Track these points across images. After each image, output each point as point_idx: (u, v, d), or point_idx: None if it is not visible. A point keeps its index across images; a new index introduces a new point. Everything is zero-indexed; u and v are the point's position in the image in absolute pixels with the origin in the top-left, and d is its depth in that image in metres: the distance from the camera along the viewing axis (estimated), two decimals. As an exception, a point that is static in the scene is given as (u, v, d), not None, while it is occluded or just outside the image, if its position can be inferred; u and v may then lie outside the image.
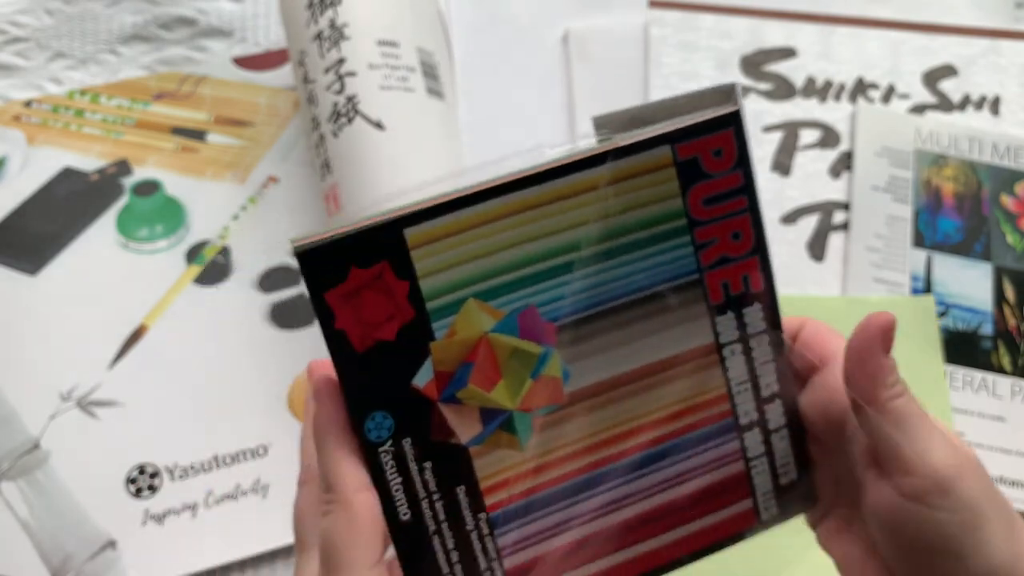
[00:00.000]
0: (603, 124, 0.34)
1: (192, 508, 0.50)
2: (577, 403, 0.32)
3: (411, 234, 0.29)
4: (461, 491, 0.31)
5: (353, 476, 0.29)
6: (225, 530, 0.49)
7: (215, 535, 0.49)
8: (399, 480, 0.30)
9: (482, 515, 0.31)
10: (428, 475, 0.30)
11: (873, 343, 0.31)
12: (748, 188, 0.32)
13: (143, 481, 0.50)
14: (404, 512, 0.30)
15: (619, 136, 0.31)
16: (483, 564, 0.32)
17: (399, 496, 0.30)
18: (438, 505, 0.31)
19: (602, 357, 0.32)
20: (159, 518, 0.49)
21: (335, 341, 0.29)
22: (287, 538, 0.49)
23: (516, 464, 0.31)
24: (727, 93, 0.31)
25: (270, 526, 0.49)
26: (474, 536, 0.31)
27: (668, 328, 0.32)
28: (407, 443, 0.30)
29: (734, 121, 0.31)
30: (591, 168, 0.30)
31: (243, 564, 0.49)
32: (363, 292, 0.28)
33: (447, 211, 0.29)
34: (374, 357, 0.29)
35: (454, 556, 0.31)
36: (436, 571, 0.31)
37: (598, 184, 0.30)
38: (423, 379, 0.30)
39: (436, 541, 0.31)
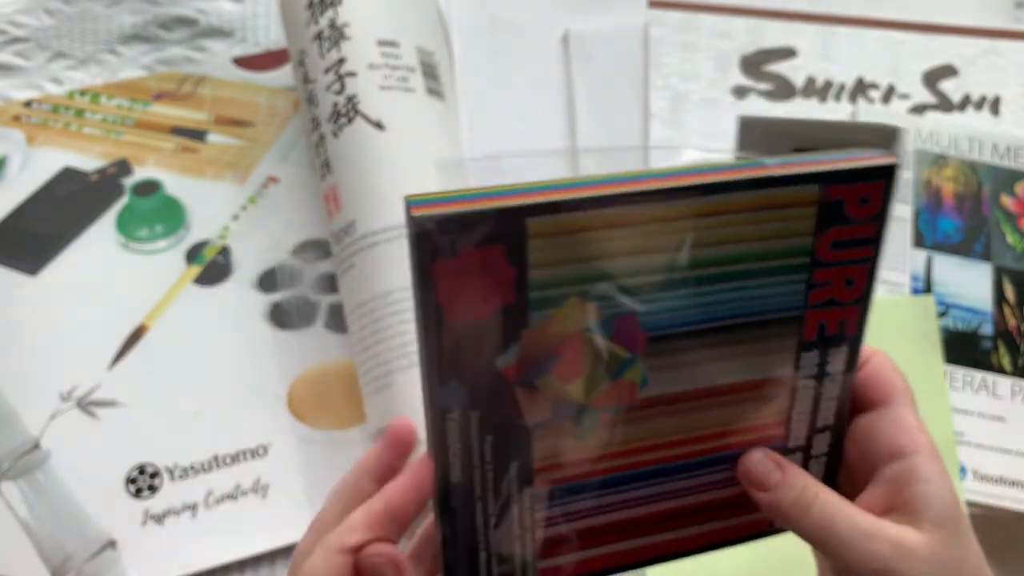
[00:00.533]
0: (749, 126, 0.33)
1: (192, 508, 0.50)
2: (646, 408, 0.32)
3: (533, 224, 0.27)
4: (514, 466, 0.31)
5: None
6: (225, 530, 0.49)
7: (215, 535, 0.49)
8: (459, 447, 0.30)
9: (527, 489, 0.32)
10: (487, 447, 0.31)
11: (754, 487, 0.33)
12: (878, 241, 0.31)
13: (143, 481, 0.50)
14: (456, 476, 0.31)
15: (768, 160, 0.29)
16: (516, 531, 0.32)
17: (455, 461, 0.30)
18: (489, 473, 0.31)
19: (683, 372, 0.31)
20: (159, 518, 0.49)
21: (430, 310, 0.27)
22: (287, 538, 0.49)
23: (572, 451, 0.32)
24: (889, 135, 0.29)
25: (270, 526, 0.49)
26: (515, 507, 0.32)
27: (753, 355, 0.32)
28: (474, 416, 0.30)
29: (891, 174, 0.30)
30: (731, 192, 0.28)
31: (243, 564, 0.49)
32: (470, 272, 0.27)
33: (574, 208, 0.27)
34: (463, 332, 0.28)
35: (492, 520, 0.32)
36: (471, 529, 0.32)
37: (732, 208, 0.29)
38: (505, 361, 0.29)
39: (479, 505, 0.32)
